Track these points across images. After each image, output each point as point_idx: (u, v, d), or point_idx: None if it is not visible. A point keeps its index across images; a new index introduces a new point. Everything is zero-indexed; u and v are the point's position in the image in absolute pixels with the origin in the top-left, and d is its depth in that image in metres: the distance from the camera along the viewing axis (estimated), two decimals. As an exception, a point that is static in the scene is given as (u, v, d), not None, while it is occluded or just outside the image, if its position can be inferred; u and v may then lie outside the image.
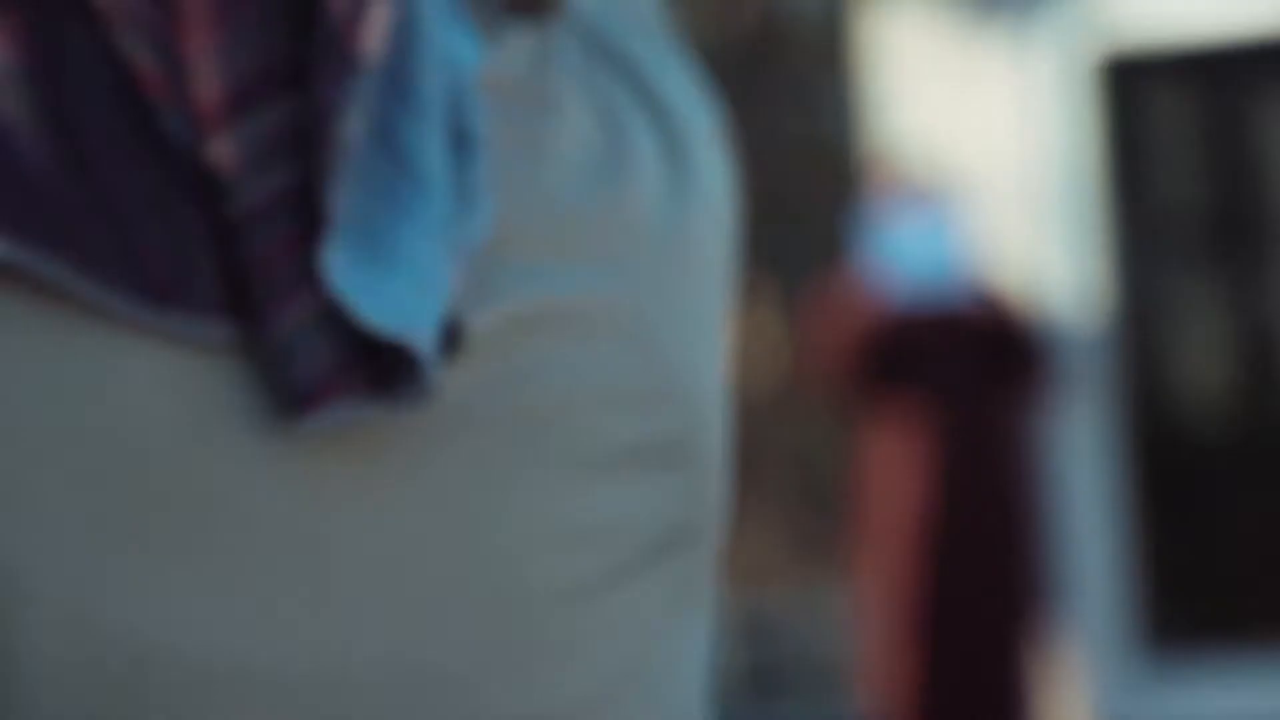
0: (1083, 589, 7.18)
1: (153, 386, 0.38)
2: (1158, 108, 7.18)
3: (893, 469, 5.97)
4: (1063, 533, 6.74)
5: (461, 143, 0.41)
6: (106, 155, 0.38)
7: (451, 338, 0.40)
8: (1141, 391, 7.38)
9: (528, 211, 0.44)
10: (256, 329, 0.38)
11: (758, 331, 10.05)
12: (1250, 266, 7.41)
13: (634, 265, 0.47)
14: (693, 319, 0.50)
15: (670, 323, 0.49)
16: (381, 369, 0.39)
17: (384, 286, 0.39)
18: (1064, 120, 6.99)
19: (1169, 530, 7.41)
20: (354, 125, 0.39)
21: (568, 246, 0.45)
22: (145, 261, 0.38)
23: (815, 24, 10.26)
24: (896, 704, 5.79)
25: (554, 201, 0.45)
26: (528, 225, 0.44)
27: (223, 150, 0.38)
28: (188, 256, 0.38)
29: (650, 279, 0.48)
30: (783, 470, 10.59)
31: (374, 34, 0.41)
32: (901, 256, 5.87)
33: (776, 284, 9.92)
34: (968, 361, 5.96)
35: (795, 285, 8.18)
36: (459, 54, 0.42)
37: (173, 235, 0.38)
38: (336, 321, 0.39)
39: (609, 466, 0.46)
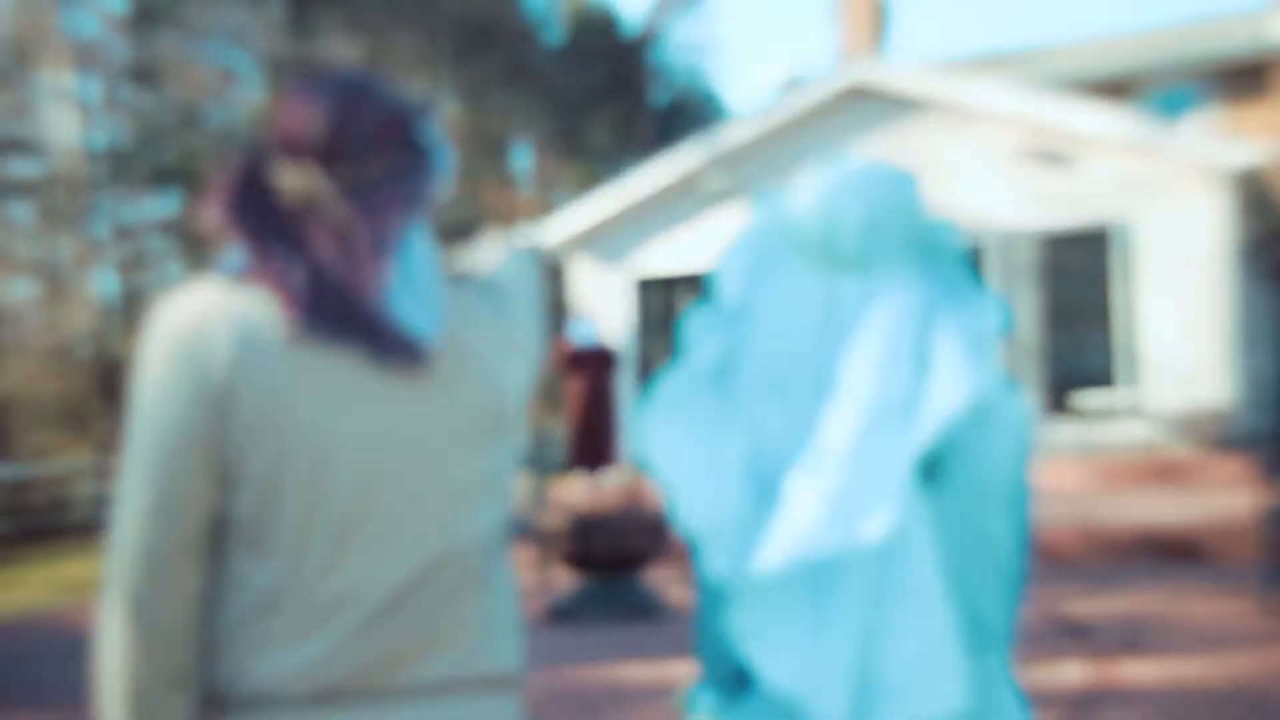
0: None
1: (356, 365, 1.50)
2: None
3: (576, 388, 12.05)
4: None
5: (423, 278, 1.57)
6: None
7: (433, 339, 1.52)
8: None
9: (463, 312, 1.59)
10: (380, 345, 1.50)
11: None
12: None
13: (492, 346, 1.59)
14: (517, 371, 1.61)
15: (506, 369, 1.59)
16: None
17: (420, 315, 1.53)
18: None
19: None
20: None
21: (472, 334, 1.57)
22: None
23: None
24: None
25: (473, 318, 1.59)
26: (464, 316, 1.58)
27: (372, 300, 1.51)
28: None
29: (503, 355, 1.59)
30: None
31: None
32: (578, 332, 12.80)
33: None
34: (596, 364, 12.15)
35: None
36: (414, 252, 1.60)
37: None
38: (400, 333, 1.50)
39: (483, 441, 1.58)
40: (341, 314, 1.48)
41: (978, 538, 1.57)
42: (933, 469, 1.54)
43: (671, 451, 1.53)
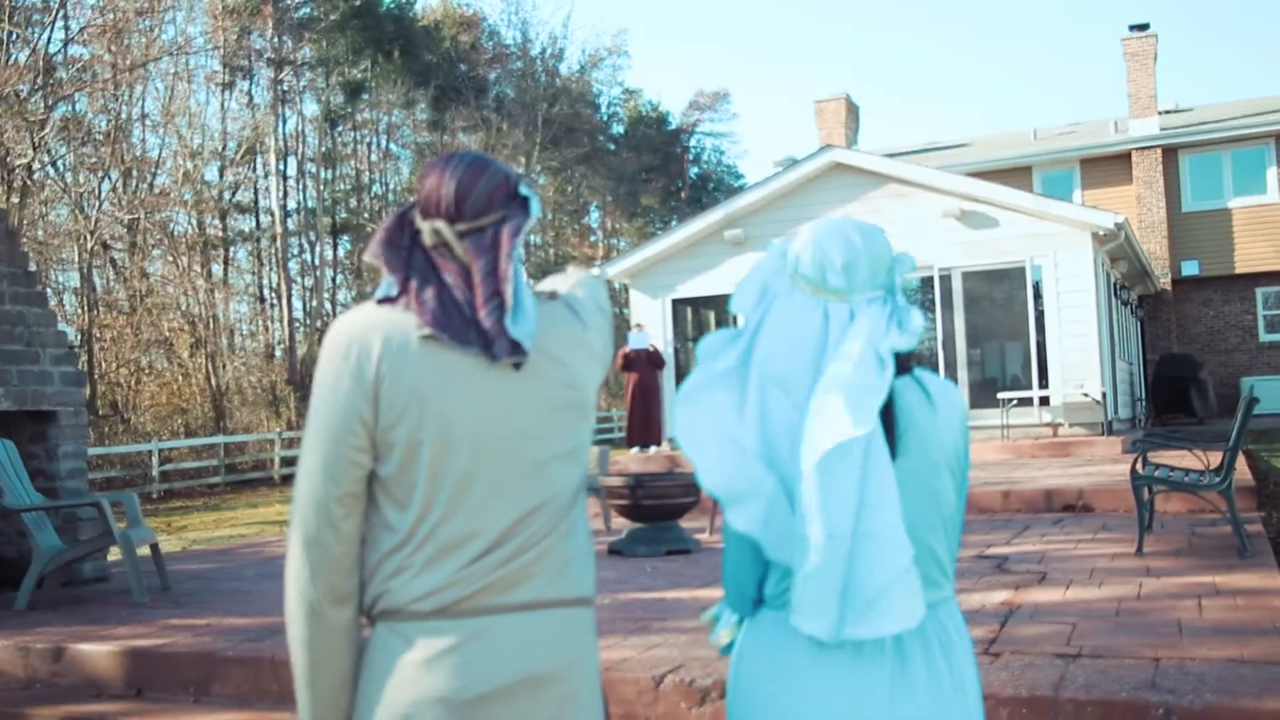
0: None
1: (473, 363, 1.47)
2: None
3: (631, 381, 14.86)
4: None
5: (522, 300, 1.51)
6: (460, 312, 1.48)
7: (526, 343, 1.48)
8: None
9: (551, 323, 1.55)
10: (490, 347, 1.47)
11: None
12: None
13: (573, 350, 1.55)
14: (592, 369, 1.57)
15: (583, 367, 1.55)
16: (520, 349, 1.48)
17: (521, 328, 1.48)
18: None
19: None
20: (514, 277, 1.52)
21: (558, 340, 1.54)
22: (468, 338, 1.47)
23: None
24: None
25: (558, 328, 1.55)
26: (552, 326, 1.55)
27: (486, 316, 1.47)
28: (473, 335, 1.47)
29: (581, 357, 1.56)
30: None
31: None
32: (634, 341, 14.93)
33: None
34: (647, 363, 14.90)
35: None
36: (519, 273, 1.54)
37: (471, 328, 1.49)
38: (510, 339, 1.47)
39: (566, 421, 1.53)
40: (462, 326, 1.46)
41: (930, 495, 1.55)
42: (897, 446, 1.52)
43: (692, 431, 1.52)
